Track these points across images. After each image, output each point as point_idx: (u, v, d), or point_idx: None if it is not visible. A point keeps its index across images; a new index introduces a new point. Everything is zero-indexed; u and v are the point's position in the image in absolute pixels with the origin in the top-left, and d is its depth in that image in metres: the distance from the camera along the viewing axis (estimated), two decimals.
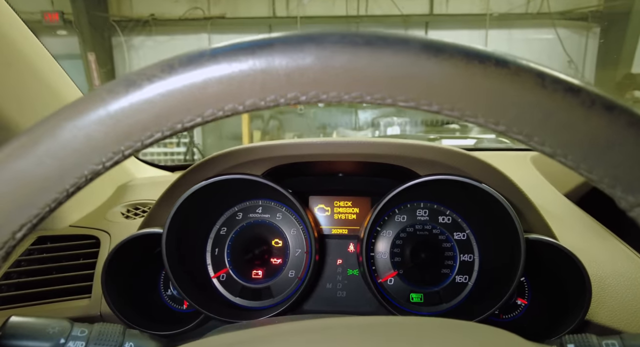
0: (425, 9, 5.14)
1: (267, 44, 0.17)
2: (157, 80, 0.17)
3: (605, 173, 0.16)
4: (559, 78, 0.16)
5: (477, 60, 0.17)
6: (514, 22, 5.08)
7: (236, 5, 5.21)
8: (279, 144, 0.53)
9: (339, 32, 0.16)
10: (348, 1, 5.11)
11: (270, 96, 0.17)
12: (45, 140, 0.16)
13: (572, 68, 5.03)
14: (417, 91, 0.16)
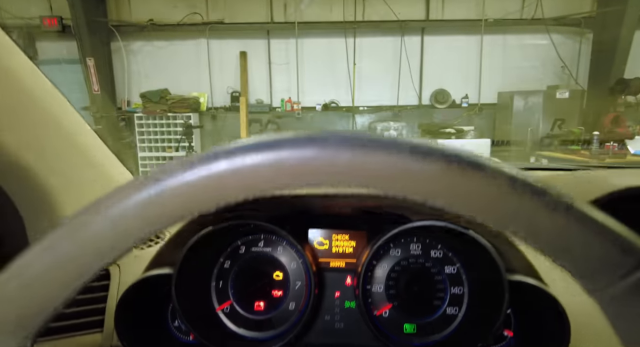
0: (421, 15, 5.20)
1: (293, 144, 0.20)
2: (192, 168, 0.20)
3: (565, 262, 0.19)
4: (527, 182, 0.19)
5: (457, 163, 0.19)
6: (509, 27, 5.15)
7: (234, 11, 5.25)
8: (287, 199, 0.57)
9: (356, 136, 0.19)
10: (345, 7, 5.16)
11: (284, 181, 0.20)
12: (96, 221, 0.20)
13: (566, 73, 5.11)
14: (406, 186, 0.19)
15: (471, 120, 5.26)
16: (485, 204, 0.19)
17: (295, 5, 5.22)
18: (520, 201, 0.19)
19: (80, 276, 0.21)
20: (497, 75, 5.23)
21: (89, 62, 4.82)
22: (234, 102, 5.32)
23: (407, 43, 5.23)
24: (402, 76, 5.30)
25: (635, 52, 4.69)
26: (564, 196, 0.19)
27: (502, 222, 0.20)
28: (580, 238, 0.19)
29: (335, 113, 5.38)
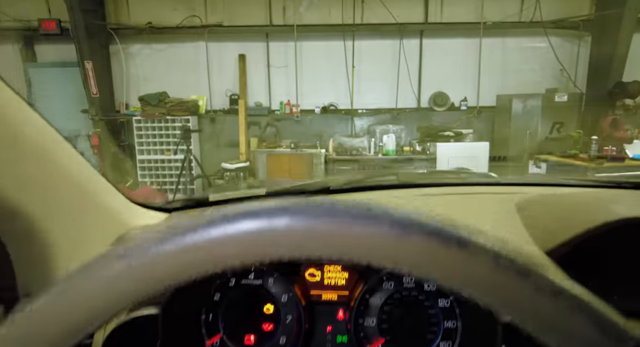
0: (420, 18, 5.20)
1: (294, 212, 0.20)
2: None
3: (552, 343, 0.19)
4: (511, 260, 0.19)
5: (438, 239, 0.19)
6: (508, 30, 5.15)
7: (233, 14, 5.24)
8: None
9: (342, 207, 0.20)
10: (344, 10, 5.16)
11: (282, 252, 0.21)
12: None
13: (565, 76, 5.11)
14: (387, 259, 0.20)
15: (470, 123, 5.26)
16: (469, 281, 0.20)
17: (294, 8, 5.21)
18: (504, 281, 0.19)
19: (70, 334, 0.21)
20: (496, 78, 5.23)
21: (87, 65, 4.82)
22: (233, 105, 5.32)
23: (406, 46, 5.23)
24: (401, 79, 5.30)
25: (633, 56, 4.69)
26: (549, 278, 0.19)
27: (487, 300, 0.20)
28: (566, 323, 0.19)
29: (334, 116, 5.38)
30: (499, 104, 5.07)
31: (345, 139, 5.17)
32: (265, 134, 5.30)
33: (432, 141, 4.89)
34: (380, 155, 4.96)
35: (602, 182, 1.05)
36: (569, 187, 0.90)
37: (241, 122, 5.19)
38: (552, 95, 4.66)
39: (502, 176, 1.26)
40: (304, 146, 5.04)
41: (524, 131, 4.63)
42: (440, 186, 0.89)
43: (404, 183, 0.98)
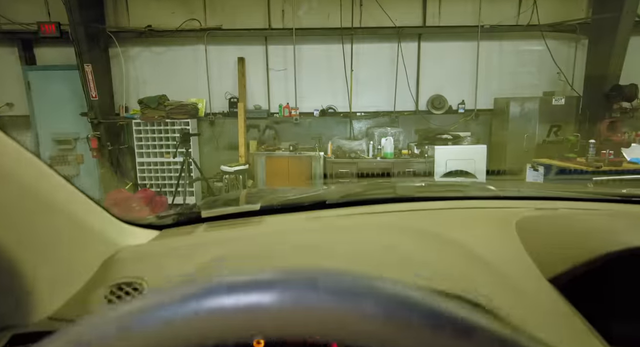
0: (418, 21, 5.23)
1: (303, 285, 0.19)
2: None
3: None
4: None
5: (446, 327, 0.18)
6: (505, 33, 5.18)
7: (232, 17, 5.27)
8: None
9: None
10: (342, 13, 5.19)
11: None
12: None
13: (562, 79, 5.13)
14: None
15: (468, 126, 5.28)
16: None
17: (292, 11, 5.24)
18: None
19: None
20: (494, 81, 5.26)
21: (87, 68, 4.84)
22: (232, 107, 5.34)
23: (404, 49, 5.26)
24: (399, 82, 5.33)
25: (630, 58, 4.72)
26: None
27: None
28: None
29: (333, 119, 5.40)
30: (496, 107, 5.09)
31: (344, 141, 5.18)
32: (264, 136, 5.32)
33: (430, 144, 4.91)
34: (378, 158, 4.98)
35: (600, 195, 1.03)
36: (567, 201, 0.89)
37: (240, 125, 5.21)
38: (549, 98, 4.69)
39: (501, 181, 1.23)
40: (303, 149, 5.06)
41: (521, 134, 4.66)
42: (437, 199, 0.89)
43: (401, 197, 0.98)
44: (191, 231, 0.68)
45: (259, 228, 0.71)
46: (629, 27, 4.51)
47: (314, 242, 0.60)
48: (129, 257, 0.61)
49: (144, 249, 0.64)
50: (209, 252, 0.57)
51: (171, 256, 0.58)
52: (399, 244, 0.57)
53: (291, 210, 0.82)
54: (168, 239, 0.67)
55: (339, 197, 0.92)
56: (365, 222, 0.72)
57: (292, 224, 0.74)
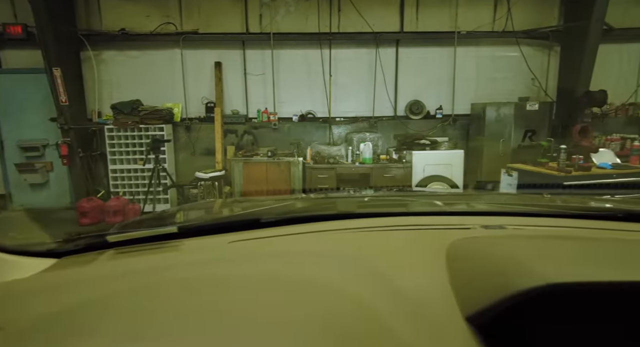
0: (396, 27, 5.26)
1: None
2: None
3: None
4: None
5: None
6: (481, 40, 5.26)
7: (209, 21, 5.19)
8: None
9: None
10: (321, 18, 5.17)
11: None
12: None
13: (536, 85, 5.24)
14: None
15: (445, 131, 5.32)
16: None
17: (270, 16, 5.20)
18: None
19: None
20: (471, 87, 5.32)
21: (56, 72, 4.67)
22: (209, 112, 5.24)
23: (382, 54, 5.28)
24: (378, 87, 5.34)
25: (599, 65, 4.85)
26: None
27: None
28: None
29: (312, 124, 5.37)
30: (473, 112, 5.15)
31: (323, 147, 5.15)
32: (242, 142, 5.23)
33: (408, 149, 4.92)
34: (357, 164, 4.96)
35: (552, 209, 1.00)
36: (517, 217, 0.85)
37: (217, 130, 5.12)
38: (524, 103, 4.77)
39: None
40: (282, 154, 5.00)
41: (497, 139, 4.71)
42: (377, 216, 0.85)
43: (339, 213, 0.94)
44: (92, 260, 0.61)
45: (170, 257, 0.64)
46: (598, 35, 4.63)
47: (227, 288, 0.52)
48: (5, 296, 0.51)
49: (16, 286, 0.54)
50: (75, 293, 0.49)
51: (41, 294, 0.49)
52: (314, 290, 0.50)
53: (219, 231, 0.75)
54: (59, 270, 0.58)
55: (275, 214, 0.87)
56: (287, 250, 0.66)
57: (212, 252, 0.67)
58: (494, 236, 0.69)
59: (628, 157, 3.95)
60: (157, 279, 0.55)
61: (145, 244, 0.67)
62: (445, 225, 0.76)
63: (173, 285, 0.53)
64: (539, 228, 0.79)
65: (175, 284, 0.53)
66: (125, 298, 0.48)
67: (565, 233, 0.76)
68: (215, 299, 0.48)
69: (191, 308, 0.46)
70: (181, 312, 0.46)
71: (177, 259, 0.63)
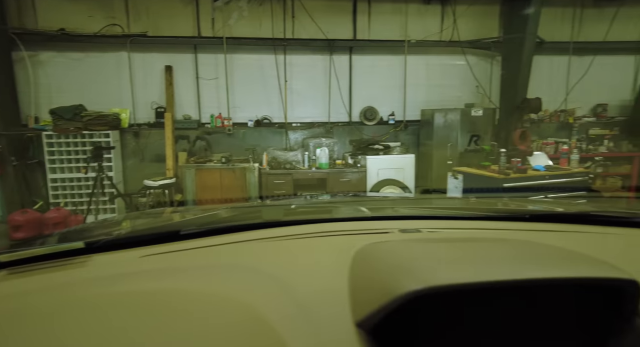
0: (349, 35, 5.37)
1: None
2: None
3: None
4: None
5: None
6: (430, 49, 5.50)
7: (158, 24, 5.01)
8: None
9: None
10: (274, 24, 5.17)
11: None
12: None
13: (480, 92, 5.56)
14: None
15: (398, 136, 5.50)
16: None
17: (223, 20, 5.12)
18: None
19: None
20: (421, 94, 5.54)
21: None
22: (159, 118, 5.05)
23: (337, 61, 5.36)
24: (333, 93, 5.41)
25: (534, 75, 5.24)
26: None
27: None
28: None
29: (268, 129, 5.33)
30: (423, 118, 5.36)
31: (279, 152, 5.13)
32: (194, 148, 5.09)
33: (363, 154, 5.02)
34: (314, 169, 4.99)
35: (475, 212, 1.05)
36: (434, 220, 0.88)
37: (168, 136, 4.94)
38: (470, 109, 5.03)
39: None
40: (237, 160, 4.92)
41: (445, 143, 4.94)
42: (300, 224, 0.85)
43: (264, 222, 0.93)
44: None
45: (72, 275, 0.59)
46: (532, 47, 5.00)
47: (133, 305, 0.50)
48: None
49: None
50: None
51: None
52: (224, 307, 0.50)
53: (133, 244, 0.72)
54: None
55: (196, 225, 0.85)
56: (202, 263, 0.64)
57: (122, 268, 0.64)
58: (405, 239, 0.71)
59: (558, 160, 4.28)
60: (56, 298, 0.51)
61: (46, 262, 0.62)
62: (367, 230, 0.77)
63: (74, 304, 0.50)
64: (451, 230, 0.82)
65: (77, 303, 0.50)
66: (17, 320, 0.45)
67: (472, 235, 0.80)
68: (120, 317, 0.47)
69: (93, 327, 0.45)
70: (82, 331, 0.44)
71: (80, 276, 0.59)
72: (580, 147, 5.30)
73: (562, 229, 0.82)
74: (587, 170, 4.37)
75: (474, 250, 0.58)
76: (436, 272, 0.46)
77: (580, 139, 5.44)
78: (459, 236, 0.78)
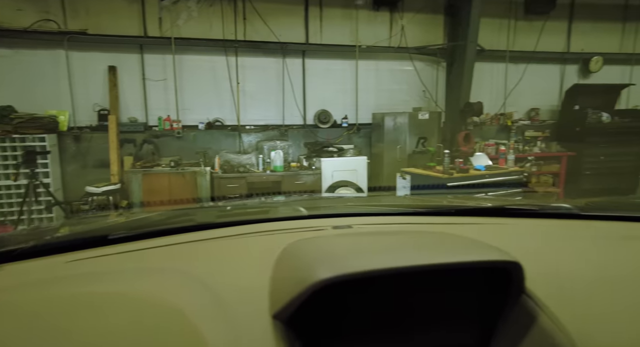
0: (301, 38, 5.41)
1: None
2: None
3: None
4: None
5: None
6: (380, 54, 5.68)
7: (100, 21, 4.74)
8: None
9: None
10: (225, 26, 5.09)
11: None
12: None
13: (427, 96, 5.84)
14: None
15: (351, 139, 5.62)
16: None
17: (171, 20, 4.95)
18: None
19: None
20: (372, 98, 5.71)
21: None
22: (102, 120, 4.78)
23: (290, 64, 5.38)
24: (287, 96, 5.42)
25: (476, 80, 5.59)
26: None
27: None
28: None
29: (220, 132, 5.22)
30: (374, 121, 5.53)
31: (233, 155, 5.05)
32: (141, 152, 4.86)
33: (318, 157, 5.08)
34: (268, 172, 4.96)
35: (406, 208, 1.11)
36: (364, 216, 0.91)
37: (112, 140, 4.69)
38: (417, 113, 5.26)
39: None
40: (187, 164, 4.77)
41: (395, 146, 5.12)
42: (235, 225, 0.85)
43: (198, 224, 0.92)
44: None
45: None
46: (473, 54, 5.34)
47: (55, 311, 0.50)
48: None
49: None
50: None
51: None
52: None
53: (58, 250, 0.68)
54: None
55: (125, 229, 0.82)
56: (128, 267, 0.63)
57: (45, 274, 0.61)
58: (335, 235, 0.74)
59: (497, 160, 4.60)
60: None
61: None
62: (301, 228, 0.79)
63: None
64: (380, 226, 0.86)
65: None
66: None
67: (399, 229, 0.84)
68: (44, 322, 0.47)
69: (16, 333, 0.45)
70: (4, 337, 0.44)
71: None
72: (517, 148, 5.74)
73: (479, 222, 0.90)
74: (522, 170, 4.75)
75: (388, 241, 0.62)
76: (347, 262, 0.49)
77: (518, 141, 5.88)
78: (386, 230, 0.82)
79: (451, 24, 5.64)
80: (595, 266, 0.65)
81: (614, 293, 0.58)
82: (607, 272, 0.63)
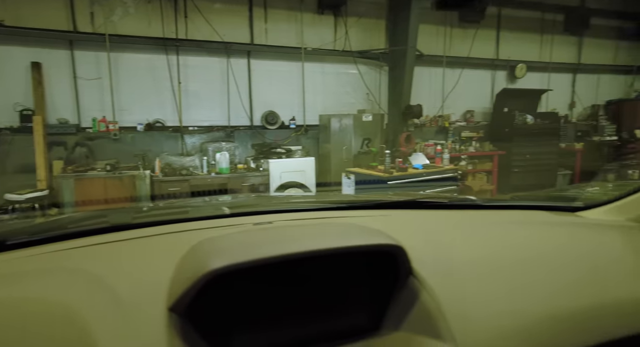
0: (246, 39, 5.36)
1: None
2: None
3: None
4: None
5: None
6: (325, 57, 5.79)
7: (20, 13, 4.35)
8: None
9: None
10: (165, 23, 4.91)
11: None
12: None
13: (371, 99, 6.05)
14: None
15: (299, 140, 5.67)
16: None
17: (104, 15, 4.67)
18: None
19: None
20: (318, 99, 5.81)
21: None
22: (26, 122, 4.38)
23: (235, 65, 5.31)
24: (232, 97, 5.34)
25: (416, 83, 5.89)
26: None
27: None
28: None
29: (161, 134, 5.02)
30: (321, 123, 5.62)
31: (174, 158, 4.87)
32: (73, 155, 4.53)
33: (266, 158, 5.05)
34: (213, 174, 4.85)
35: (327, 204, 1.15)
36: (285, 213, 0.93)
37: (38, 142, 4.31)
38: (361, 115, 5.43)
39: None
40: (124, 168, 4.52)
41: (341, 147, 5.25)
42: (152, 225, 0.83)
43: (114, 225, 0.90)
44: None
45: None
46: (413, 58, 5.63)
47: None
48: None
49: None
50: None
51: None
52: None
53: None
54: None
55: (27, 234, 0.77)
56: (27, 272, 0.60)
57: None
58: (244, 230, 0.72)
59: (434, 159, 4.89)
60: None
61: None
62: (221, 226, 0.80)
63: None
64: (301, 221, 0.88)
65: None
66: None
67: (313, 223, 0.87)
68: None
69: None
70: None
71: None
72: (454, 147, 6.14)
73: (390, 214, 0.96)
74: (456, 168, 5.09)
75: (292, 232, 0.64)
76: (240, 252, 0.50)
77: (455, 141, 6.28)
78: (302, 224, 0.85)
79: (392, 29, 5.90)
80: (480, 248, 0.73)
81: (494, 272, 0.65)
82: (489, 252, 0.71)
